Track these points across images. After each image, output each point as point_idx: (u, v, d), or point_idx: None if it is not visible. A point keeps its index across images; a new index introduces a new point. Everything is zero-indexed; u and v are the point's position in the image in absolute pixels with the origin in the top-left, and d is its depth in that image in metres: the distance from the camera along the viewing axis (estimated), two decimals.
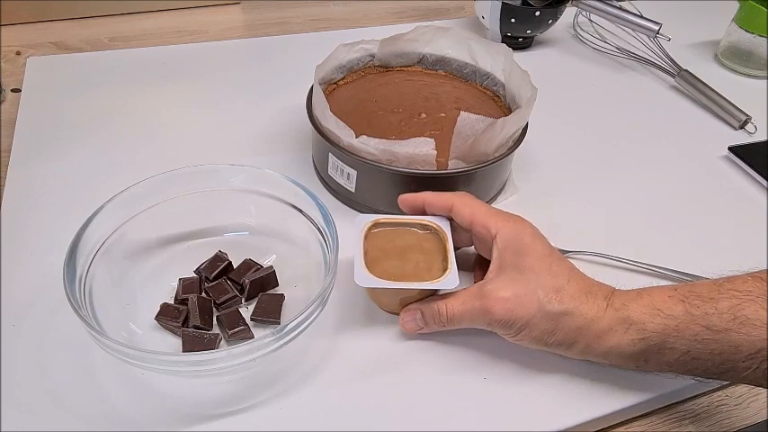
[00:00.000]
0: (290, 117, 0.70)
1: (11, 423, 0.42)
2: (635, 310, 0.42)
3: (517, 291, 0.44)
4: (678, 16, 0.98)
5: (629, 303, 0.43)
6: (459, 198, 0.49)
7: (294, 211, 0.52)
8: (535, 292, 0.43)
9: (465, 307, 0.45)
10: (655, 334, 0.42)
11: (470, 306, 0.45)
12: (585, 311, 0.43)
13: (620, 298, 0.44)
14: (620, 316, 0.43)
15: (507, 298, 0.44)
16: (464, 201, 0.49)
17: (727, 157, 0.71)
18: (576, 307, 0.43)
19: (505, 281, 0.45)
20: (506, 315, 0.43)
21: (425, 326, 0.47)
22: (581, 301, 0.43)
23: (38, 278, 0.50)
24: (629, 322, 0.42)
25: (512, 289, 0.44)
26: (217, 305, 0.49)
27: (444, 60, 0.69)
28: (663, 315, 0.42)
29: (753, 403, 0.49)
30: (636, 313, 0.42)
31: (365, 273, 0.46)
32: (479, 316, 0.45)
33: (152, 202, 0.50)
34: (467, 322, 0.46)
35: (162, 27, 0.89)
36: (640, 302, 0.43)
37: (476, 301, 0.45)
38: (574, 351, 0.44)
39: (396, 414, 0.44)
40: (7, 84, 0.75)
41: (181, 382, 0.45)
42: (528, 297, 0.43)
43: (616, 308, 0.43)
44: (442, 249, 0.49)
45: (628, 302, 0.43)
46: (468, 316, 0.45)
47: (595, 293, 0.44)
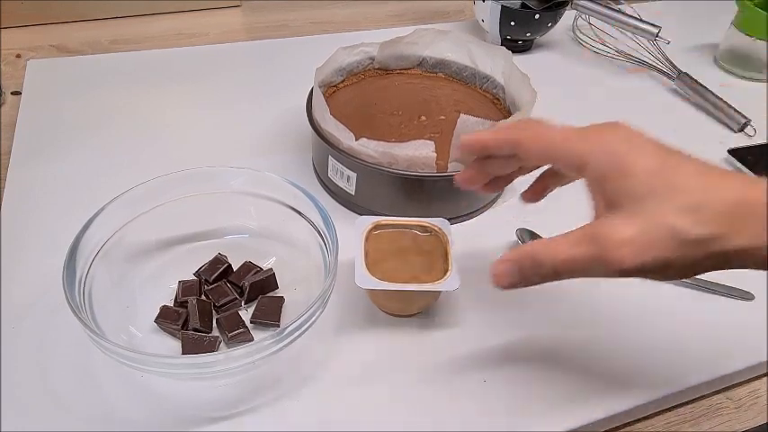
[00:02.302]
0: (290, 119, 0.70)
1: (10, 424, 0.42)
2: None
3: (640, 226, 0.33)
4: (677, 19, 0.98)
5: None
6: (522, 131, 0.39)
7: (294, 214, 0.52)
8: (665, 220, 0.33)
9: (576, 254, 0.35)
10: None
11: (583, 253, 0.34)
12: (745, 229, 0.32)
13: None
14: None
15: (631, 239, 0.33)
16: (532, 134, 0.39)
17: (726, 159, 0.71)
18: (732, 226, 0.32)
19: (623, 217, 0.34)
20: (636, 260, 0.33)
21: (523, 281, 0.37)
22: (735, 216, 0.33)
23: (38, 280, 0.50)
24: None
25: (632, 226, 0.33)
26: (216, 308, 0.49)
27: (444, 63, 0.69)
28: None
29: (753, 406, 0.49)
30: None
31: (366, 274, 0.46)
32: (597, 267, 0.34)
33: (152, 205, 0.50)
34: (578, 274, 0.35)
35: (162, 29, 0.89)
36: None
37: (590, 245, 0.34)
38: (734, 267, 0.35)
39: (396, 416, 0.44)
40: (7, 86, 0.75)
41: (180, 385, 0.45)
42: (658, 230, 0.33)
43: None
44: (442, 251, 0.49)
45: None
46: (581, 266, 0.35)
47: (755, 202, 0.33)
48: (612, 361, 0.49)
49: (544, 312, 0.52)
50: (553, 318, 0.51)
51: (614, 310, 0.52)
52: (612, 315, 0.52)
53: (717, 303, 0.54)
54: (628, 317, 0.52)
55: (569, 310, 0.52)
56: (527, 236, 0.56)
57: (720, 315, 0.53)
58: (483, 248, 0.57)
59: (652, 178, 0.34)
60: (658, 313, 0.53)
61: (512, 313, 0.51)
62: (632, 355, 0.49)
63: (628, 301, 0.53)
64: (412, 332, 0.49)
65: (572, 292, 0.53)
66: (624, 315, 0.52)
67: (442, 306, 0.51)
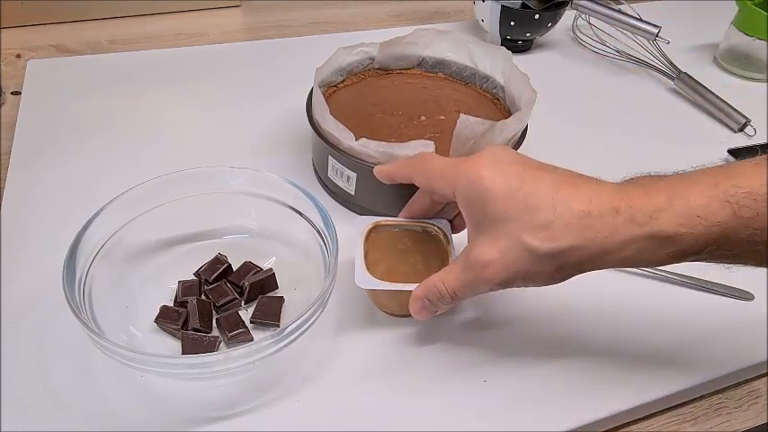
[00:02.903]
0: (290, 120, 0.70)
1: (10, 424, 0.42)
2: (668, 222, 0.35)
3: (501, 247, 0.37)
4: (677, 19, 0.98)
5: (658, 215, 0.35)
6: (414, 167, 0.44)
7: (294, 214, 0.52)
8: (519, 239, 0.37)
9: (461, 281, 0.40)
10: (696, 244, 0.35)
11: (465, 279, 0.40)
12: (593, 238, 0.35)
13: (642, 209, 0.35)
14: (648, 232, 0.35)
15: (494, 260, 0.38)
16: (420, 168, 0.43)
17: (726, 159, 0.71)
18: (580, 237, 0.36)
19: (485, 240, 0.38)
20: (501, 277, 0.38)
21: (437, 309, 0.43)
22: (582, 228, 0.36)
23: (37, 280, 0.50)
24: (661, 238, 0.35)
25: (495, 247, 0.38)
26: (216, 308, 0.49)
27: (444, 63, 0.69)
28: (705, 223, 0.34)
29: (753, 406, 0.49)
30: (670, 226, 0.35)
31: (365, 274, 0.46)
32: (479, 286, 0.40)
33: (152, 205, 0.50)
34: (471, 294, 0.41)
35: (162, 30, 0.89)
36: (673, 211, 0.35)
37: (468, 272, 0.39)
38: (595, 270, 0.38)
39: (396, 417, 0.44)
40: (7, 86, 0.75)
41: (180, 385, 0.45)
42: (515, 249, 0.37)
43: (641, 222, 0.35)
44: (442, 251, 0.49)
45: (657, 214, 0.35)
46: (469, 290, 0.40)
47: (599, 213, 0.36)
48: (612, 361, 0.49)
49: (544, 312, 0.52)
50: (553, 318, 0.51)
51: (614, 310, 0.52)
52: (612, 315, 0.52)
53: (717, 303, 0.54)
54: (628, 317, 0.52)
55: (569, 310, 0.52)
56: None
57: (720, 315, 0.53)
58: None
59: (508, 201, 0.37)
60: (658, 313, 0.53)
61: (511, 313, 0.51)
62: (632, 355, 0.49)
63: (628, 301, 0.53)
64: (412, 332, 0.49)
65: (571, 292, 0.53)
66: (624, 315, 0.52)
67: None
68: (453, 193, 0.40)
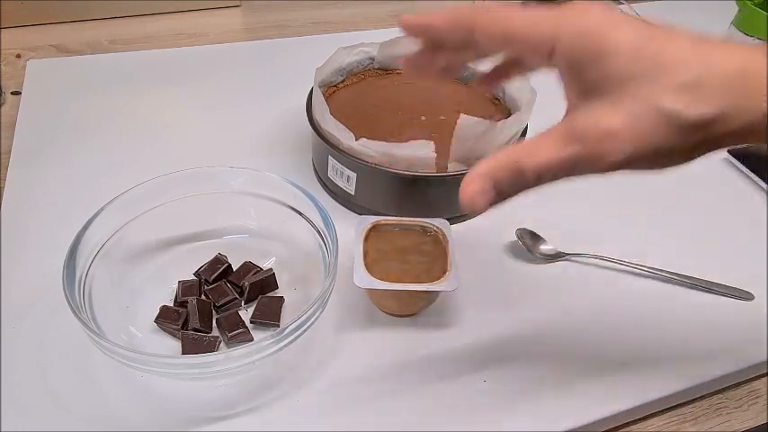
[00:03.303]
0: (290, 119, 0.70)
1: (10, 424, 0.42)
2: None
3: (629, 113, 0.29)
4: (677, 19, 0.97)
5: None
6: (482, 14, 0.32)
7: (294, 214, 0.52)
8: (656, 103, 0.29)
9: (559, 156, 0.30)
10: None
11: (567, 154, 0.30)
12: (748, 104, 0.28)
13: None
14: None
15: (619, 129, 0.29)
16: (490, 16, 0.32)
17: (726, 160, 0.71)
18: (735, 102, 0.28)
19: (606, 104, 0.30)
20: (626, 153, 0.29)
21: (502, 195, 0.32)
22: (739, 90, 0.28)
23: (37, 280, 0.50)
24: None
25: (619, 114, 0.29)
26: (216, 308, 0.49)
27: None
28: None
29: (753, 406, 0.49)
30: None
31: (365, 274, 0.46)
32: (584, 165, 0.31)
33: (152, 205, 0.50)
34: (565, 176, 0.31)
35: (162, 30, 0.89)
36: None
37: (573, 145, 0.30)
38: (737, 145, 0.31)
39: (396, 416, 0.44)
40: (7, 86, 0.75)
41: (180, 385, 0.45)
42: (650, 116, 0.29)
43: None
44: (441, 251, 0.49)
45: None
46: (567, 168, 0.31)
47: (758, 72, 0.28)
48: (612, 361, 0.49)
49: (544, 312, 0.52)
50: (553, 318, 0.51)
51: (614, 310, 0.52)
52: (612, 315, 0.52)
53: (717, 303, 0.54)
54: (628, 317, 0.52)
55: (569, 310, 0.52)
56: (527, 235, 0.56)
57: (720, 315, 0.53)
58: (483, 249, 0.57)
59: (637, 55, 0.29)
60: (658, 313, 0.53)
61: (511, 313, 0.51)
62: (632, 355, 0.49)
63: (628, 301, 0.53)
64: (412, 332, 0.49)
65: (572, 292, 0.53)
66: (624, 315, 0.52)
67: (442, 306, 0.51)
68: (551, 48, 0.31)
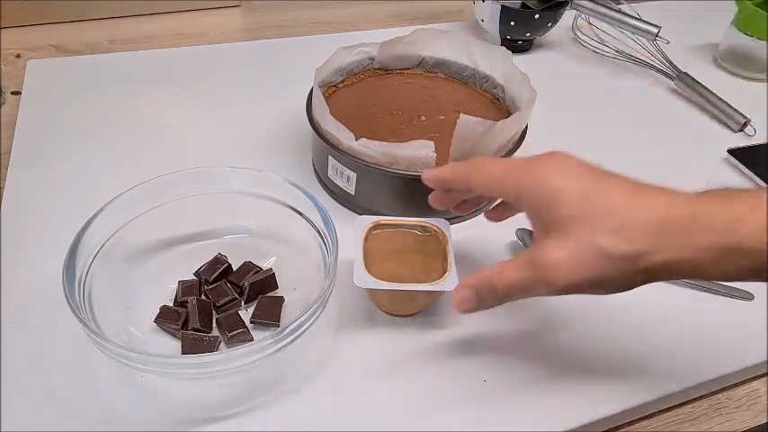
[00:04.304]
0: (290, 119, 0.70)
1: (10, 424, 0.42)
2: (749, 234, 0.33)
3: (571, 249, 0.35)
4: (677, 19, 0.98)
5: (739, 225, 0.33)
6: (474, 169, 0.42)
7: (294, 214, 0.52)
8: (593, 241, 0.35)
9: (519, 278, 0.37)
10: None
11: (524, 277, 0.37)
12: (669, 244, 0.34)
13: (722, 217, 0.34)
14: (726, 242, 0.33)
15: (562, 260, 0.35)
16: (479, 173, 0.42)
17: (726, 159, 0.71)
18: (656, 242, 0.34)
19: (556, 241, 0.36)
20: (568, 280, 0.36)
21: (481, 305, 0.40)
22: (659, 233, 0.34)
23: (37, 280, 0.50)
24: (740, 250, 0.33)
25: (564, 249, 0.36)
26: (216, 307, 0.49)
27: (444, 63, 0.69)
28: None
29: (753, 406, 0.49)
30: (751, 238, 0.33)
31: (365, 274, 0.46)
32: (538, 287, 0.37)
33: (152, 205, 0.50)
34: (525, 294, 0.38)
35: (161, 30, 0.89)
36: (755, 222, 0.33)
37: (528, 271, 0.37)
38: (664, 279, 0.37)
39: (395, 416, 0.44)
40: (7, 86, 0.75)
41: (180, 385, 0.45)
42: (587, 251, 0.35)
43: (720, 231, 0.34)
44: (441, 251, 0.49)
45: (737, 224, 0.33)
46: (525, 287, 0.38)
47: (677, 219, 0.34)
48: (612, 361, 0.49)
49: (543, 313, 0.52)
50: (552, 318, 0.51)
51: (614, 310, 0.52)
52: (612, 315, 0.52)
53: (717, 303, 0.54)
54: (627, 317, 0.52)
55: (569, 310, 0.52)
56: (527, 236, 0.56)
57: (720, 315, 0.53)
58: (483, 249, 0.57)
59: (581, 203, 0.36)
60: (658, 313, 0.53)
61: (511, 313, 0.51)
62: (632, 355, 0.49)
63: (627, 302, 0.53)
64: (412, 332, 0.49)
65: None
66: (624, 315, 0.52)
67: (442, 306, 0.51)
68: (517, 195, 0.39)
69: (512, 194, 0.40)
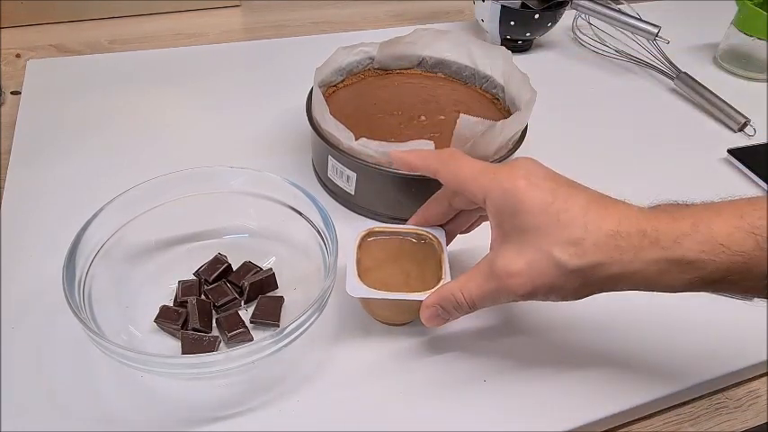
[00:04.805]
0: (290, 119, 0.70)
1: (10, 424, 0.42)
2: (691, 248, 0.36)
3: (529, 258, 0.38)
4: (677, 19, 0.98)
5: (682, 240, 0.36)
6: (442, 162, 0.44)
7: (294, 214, 0.52)
8: (549, 253, 0.37)
9: (482, 291, 0.40)
10: (717, 271, 0.36)
11: (487, 289, 0.40)
12: (619, 257, 0.37)
13: (667, 232, 0.36)
14: (670, 256, 0.36)
15: (521, 271, 0.38)
16: (448, 166, 0.43)
17: (726, 159, 0.71)
18: (607, 256, 0.37)
19: (512, 251, 0.39)
20: (526, 288, 0.38)
21: (450, 317, 0.43)
22: (610, 247, 0.37)
23: (37, 280, 0.50)
24: (684, 263, 0.36)
25: (522, 258, 0.38)
26: (216, 307, 0.49)
27: (444, 63, 0.69)
28: (728, 252, 0.35)
29: (753, 405, 0.49)
30: (693, 252, 0.36)
31: (357, 283, 0.45)
32: (501, 297, 0.40)
33: (151, 205, 0.50)
34: (491, 304, 0.41)
35: (161, 30, 0.89)
36: (697, 238, 0.36)
37: (490, 282, 0.40)
38: (616, 290, 0.39)
39: (395, 417, 0.44)
40: (7, 86, 0.75)
41: (180, 385, 0.45)
42: (543, 262, 0.38)
43: (665, 246, 0.36)
44: (436, 259, 0.48)
45: (681, 239, 0.36)
46: (490, 298, 0.41)
47: (627, 234, 0.37)
48: (612, 361, 0.49)
49: (543, 312, 0.52)
50: (551, 319, 0.51)
51: (613, 310, 0.52)
52: (612, 315, 0.52)
53: (717, 303, 0.54)
54: (627, 317, 0.52)
55: (568, 310, 0.52)
56: None
57: (720, 315, 0.53)
58: (482, 249, 0.57)
59: (541, 215, 0.38)
60: (658, 313, 0.52)
61: (511, 313, 0.51)
62: (632, 355, 0.49)
63: (627, 301, 0.53)
64: (412, 332, 0.49)
65: None
66: (623, 315, 0.52)
67: None
68: (484, 199, 0.41)
69: (477, 196, 0.41)
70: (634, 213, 0.38)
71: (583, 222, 0.37)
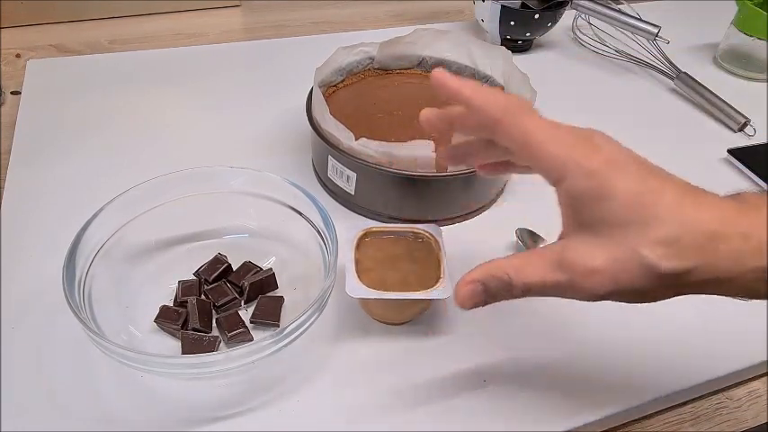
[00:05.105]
0: (290, 119, 0.70)
1: (10, 425, 0.42)
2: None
3: (612, 255, 0.32)
4: (677, 19, 0.98)
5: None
6: (508, 113, 0.35)
7: (294, 214, 0.52)
8: (636, 251, 0.32)
9: (544, 280, 0.34)
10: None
11: (552, 279, 0.34)
12: (716, 263, 0.32)
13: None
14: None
15: (602, 268, 0.32)
16: (515, 119, 0.35)
17: (726, 159, 0.71)
18: (703, 260, 0.31)
19: (591, 244, 0.33)
20: (606, 289, 0.33)
21: (490, 299, 0.36)
22: (707, 251, 0.31)
23: (37, 280, 0.50)
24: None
25: (604, 254, 0.32)
26: (216, 307, 0.49)
27: (444, 63, 0.69)
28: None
29: (753, 406, 0.49)
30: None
31: (357, 283, 0.45)
32: (568, 293, 0.34)
33: (151, 205, 0.50)
34: (549, 296, 0.35)
35: (161, 30, 0.89)
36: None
37: (557, 273, 0.34)
38: (701, 294, 0.34)
39: (395, 416, 0.44)
40: (7, 86, 0.75)
41: (180, 385, 0.45)
42: (629, 261, 0.32)
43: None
44: (434, 257, 0.48)
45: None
46: (552, 291, 0.34)
47: (727, 236, 0.31)
48: (612, 361, 0.49)
49: (543, 312, 0.52)
50: (552, 317, 0.51)
51: (613, 309, 0.52)
52: (612, 315, 0.52)
53: (717, 303, 0.54)
54: (627, 316, 0.52)
55: (567, 310, 0.52)
56: (527, 235, 0.56)
57: (720, 315, 0.53)
58: (482, 249, 0.57)
59: (629, 205, 0.32)
60: (658, 313, 0.52)
61: (511, 313, 0.51)
62: (632, 355, 0.49)
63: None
64: (412, 333, 0.49)
65: None
66: (624, 315, 0.52)
67: (441, 307, 0.51)
68: (559, 178, 0.34)
69: (551, 171, 0.34)
70: (732, 210, 0.33)
71: (677, 218, 0.32)
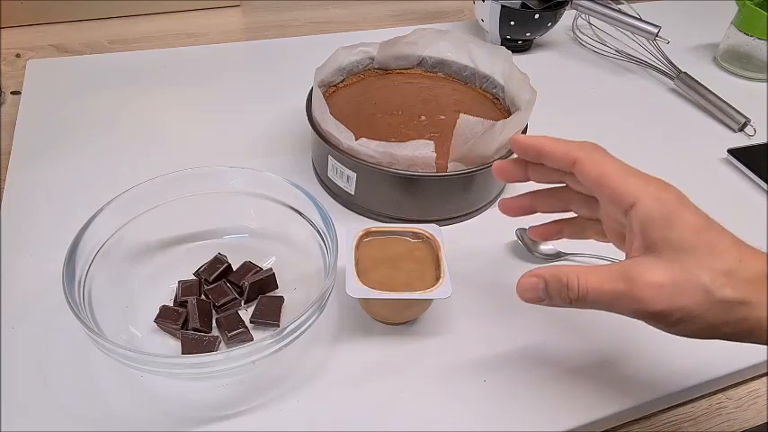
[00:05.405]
0: (290, 119, 0.70)
1: (10, 425, 0.42)
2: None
3: (675, 275, 0.35)
4: (677, 19, 0.98)
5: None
6: (586, 152, 0.40)
7: (294, 214, 0.52)
8: (698, 276, 0.34)
9: (605, 287, 0.36)
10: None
11: (612, 288, 0.36)
12: (763, 301, 0.34)
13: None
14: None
15: (663, 284, 0.35)
16: (592, 157, 0.39)
17: (726, 159, 0.71)
18: (756, 296, 0.34)
19: (657, 264, 0.35)
20: (663, 305, 0.35)
21: (548, 299, 0.39)
22: (760, 288, 0.34)
23: (37, 280, 0.50)
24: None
25: (668, 272, 0.35)
26: (216, 307, 0.49)
27: (444, 63, 0.69)
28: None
29: (752, 406, 0.49)
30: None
31: (357, 283, 0.45)
32: (623, 302, 0.36)
33: (151, 205, 0.50)
34: (603, 306, 0.37)
35: (162, 30, 0.89)
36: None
37: (620, 282, 0.36)
38: (742, 341, 0.37)
39: (395, 416, 0.44)
40: (7, 86, 0.75)
41: (180, 385, 0.45)
42: (690, 283, 0.34)
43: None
44: (434, 257, 0.48)
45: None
46: (607, 299, 0.37)
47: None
48: (612, 360, 0.49)
49: (544, 312, 0.52)
50: (553, 317, 0.51)
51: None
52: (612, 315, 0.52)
53: None
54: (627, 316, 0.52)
55: (568, 310, 0.52)
56: (527, 236, 0.56)
57: None
58: (483, 248, 0.57)
59: (696, 235, 0.35)
60: None
61: (511, 313, 0.51)
62: (632, 355, 0.49)
63: None
64: (412, 333, 0.49)
65: None
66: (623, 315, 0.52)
67: (441, 306, 0.51)
68: (632, 203, 0.37)
69: (625, 197, 0.37)
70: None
71: (737, 255, 0.35)
